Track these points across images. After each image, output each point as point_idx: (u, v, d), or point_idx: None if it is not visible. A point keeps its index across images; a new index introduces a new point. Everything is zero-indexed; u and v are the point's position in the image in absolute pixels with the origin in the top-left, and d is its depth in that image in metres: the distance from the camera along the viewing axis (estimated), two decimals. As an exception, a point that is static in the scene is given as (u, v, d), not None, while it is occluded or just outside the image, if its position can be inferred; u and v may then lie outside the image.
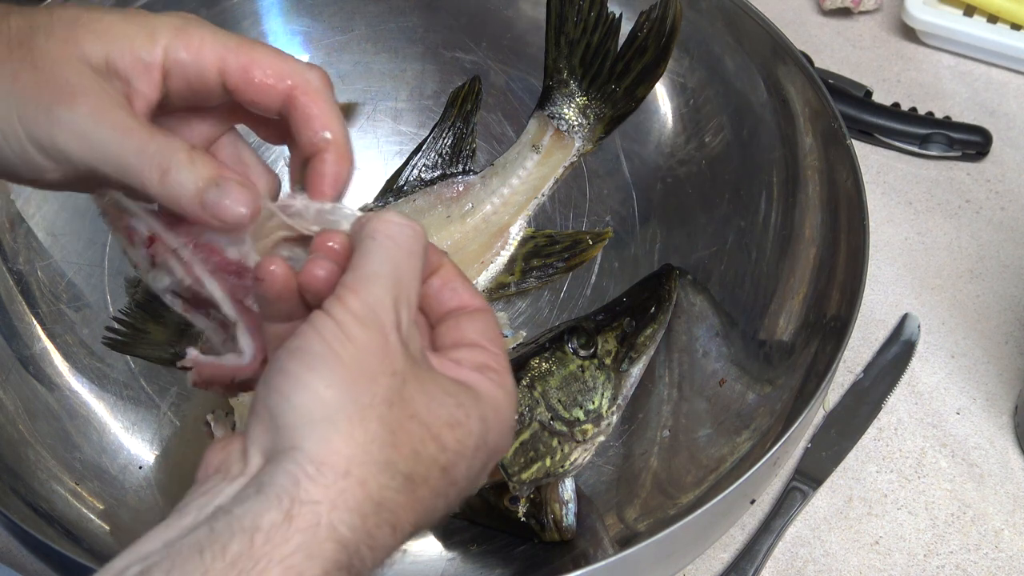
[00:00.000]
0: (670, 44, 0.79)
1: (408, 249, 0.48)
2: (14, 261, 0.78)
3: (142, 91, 0.52)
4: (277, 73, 0.52)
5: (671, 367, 0.80)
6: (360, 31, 0.89)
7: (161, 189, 0.50)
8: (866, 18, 1.07)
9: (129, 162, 0.50)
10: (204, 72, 0.52)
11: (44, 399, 0.76)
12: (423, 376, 0.46)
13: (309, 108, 0.53)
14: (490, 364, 0.49)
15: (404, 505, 0.44)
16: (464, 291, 0.51)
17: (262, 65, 0.52)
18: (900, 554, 0.78)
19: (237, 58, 0.52)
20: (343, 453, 0.43)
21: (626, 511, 0.75)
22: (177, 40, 0.52)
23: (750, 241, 0.80)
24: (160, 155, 0.50)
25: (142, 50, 0.51)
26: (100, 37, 0.51)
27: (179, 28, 0.52)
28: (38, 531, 0.62)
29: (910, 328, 0.88)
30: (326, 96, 0.53)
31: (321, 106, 0.53)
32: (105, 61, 0.51)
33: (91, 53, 0.51)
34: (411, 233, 0.48)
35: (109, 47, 0.51)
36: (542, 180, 0.83)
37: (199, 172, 0.50)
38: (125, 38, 0.52)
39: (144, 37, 0.52)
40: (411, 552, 0.75)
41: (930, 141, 0.96)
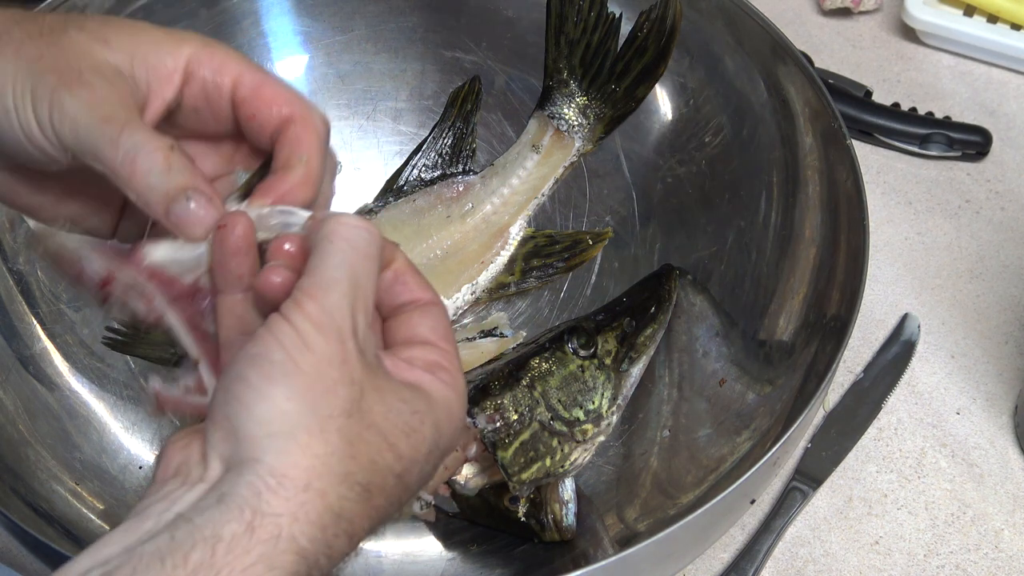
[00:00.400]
0: (670, 44, 0.79)
1: (364, 253, 0.48)
2: (14, 261, 0.78)
3: (159, 92, 0.53)
4: (286, 99, 0.54)
5: (671, 367, 0.80)
6: (360, 31, 0.89)
7: (130, 186, 0.50)
8: (866, 18, 1.07)
9: (105, 152, 0.50)
10: (220, 86, 0.54)
11: (44, 399, 0.76)
12: (380, 384, 0.46)
13: (300, 136, 0.53)
14: (442, 363, 0.50)
15: (361, 514, 0.45)
16: (416, 285, 0.51)
17: (275, 87, 0.54)
18: (900, 554, 0.78)
19: (253, 76, 0.54)
20: (303, 466, 0.43)
21: (626, 511, 0.75)
22: (202, 51, 0.54)
23: (750, 241, 0.80)
24: (136, 151, 0.50)
25: (168, 54, 0.53)
26: (130, 36, 0.53)
27: (205, 43, 0.54)
28: (38, 531, 0.62)
29: (910, 328, 0.88)
30: (321, 135, 0.54)
31: (312, 139, 0.54)
32: (130, 58, 0.52)
33: (117, 49, 0.52)
34: (367, 236, 0.48)
35: (136, 46, 0.53)
36: (542, 180, 0.83)
37: (172, 179, 0.50)
38: (152, 41, 0.53)
39: (172, 43, 0.53)
40: (411, 552, 0.75)
41: (930, 141, 0.96)
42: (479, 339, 0.82)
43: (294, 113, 0.54)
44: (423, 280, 0.52)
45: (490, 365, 0.76)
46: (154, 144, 0.50)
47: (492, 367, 0.75)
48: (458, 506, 0.75)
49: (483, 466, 0.73)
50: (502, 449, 0.70)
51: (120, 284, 0.52)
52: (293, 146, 0.53)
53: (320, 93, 0.89)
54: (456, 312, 0.83)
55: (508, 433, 0.71)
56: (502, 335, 0.82)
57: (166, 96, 0.53)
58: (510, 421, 0.71)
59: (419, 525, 0.75)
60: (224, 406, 0.45)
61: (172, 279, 0.52)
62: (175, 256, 0.51)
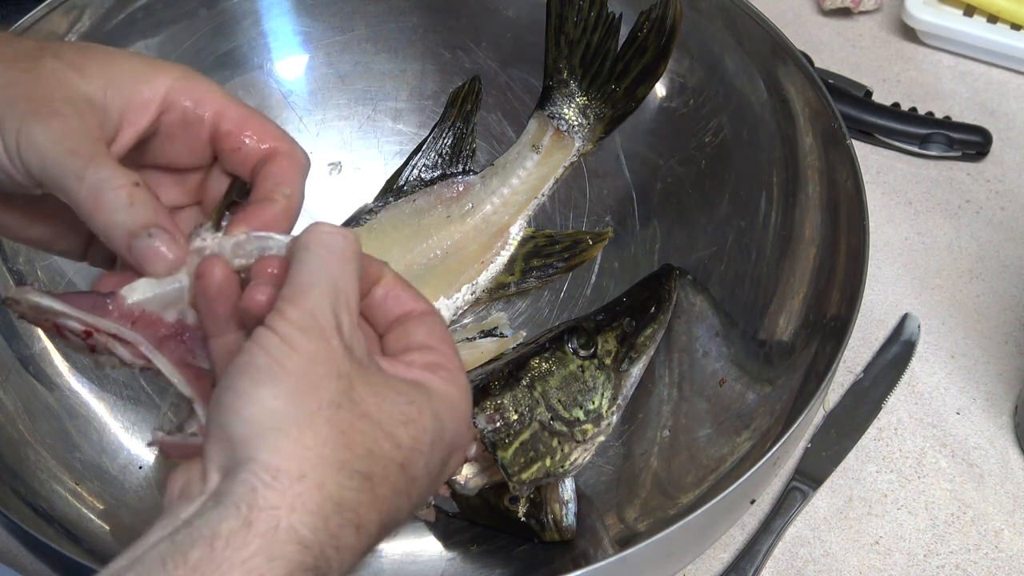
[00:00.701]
0: (670, 44, 0.79)
1: (340, 255, 0.48)
2: (14, 261, 0.78)
3: (132, 121, 0.53)
4: (272, 135, 0.55)
5: (671, 367, 0.80)
6: (360, 31, 0.89)
7: (94, 221, 0.51)
8: (866, 18, 1.07)
9: (70, 186, 0.51)
10: (201, 118, 0.54)
11: (44, 399, 0.76)
12: (371, 377, 0.47)
13: (285, 170, 0.54)
14: (441, 363, 0.50)
15: (366, 504, 0.45)
16: (408, 297, 0.52)
17: (260, 122, 0.55)
18: (900, 554, 0.78)
19: (238, 111, 0.55)
20: (296, 457, 0.44)
21: (626, 511, 0.75)
22: (182, 82, 0.54)
23: (750, 241, 0.80)
24: (100, 186, 0.50)
25: (144, 84, 0.54)
26: (105, 65, 0.53)
27: (185, 74, 0.55)
28: (38, 531, 0.62)
29: (910, 328, 0.88)
30: (303, 171, 0.55)
31: (295, 174, 0.54)
32: (104, 88, 0.53)
33: (92, 77, 0.52)
34: (342, 240, 0.49)
35: (111, 75, 0.53)
36: (542, 180, 0.83)
37: (135, 215, 0.50)
38: (130, 71, 0.54)
39: (150, 73, 0.54)
40: (411, 552, 0.75)
41: (930, 141, 0.96)
42: (479, 339, 0.82)
43: (279, 148, 0.55)
44: (415, 292, 0.52)
45: (490, 365, 0.76)
46: (119, 180, 0.50)
47: (492, 367, 0.75)
48: (458, 506, 0.75)
49: (483, 466, 0.73)
50: (502, 449, 0.70)
51: (102, 336, 0.51)
52: (277, 179, 0.54)
53: (320, 93, 0.89)
54: (456, 312, 0.83)
55: (508, 433, 0.71)
56: (502, 335, 0.82)
57: (138, 126, 0.53)
58: (510, 421, 0.71)
59: (419, 525, 0.75)
60: (217, 418, 0.45)
61: (155, 319, 0.52)
62: (155, 292, 0.51)
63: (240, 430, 0.44)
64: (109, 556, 0.44)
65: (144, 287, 0.51)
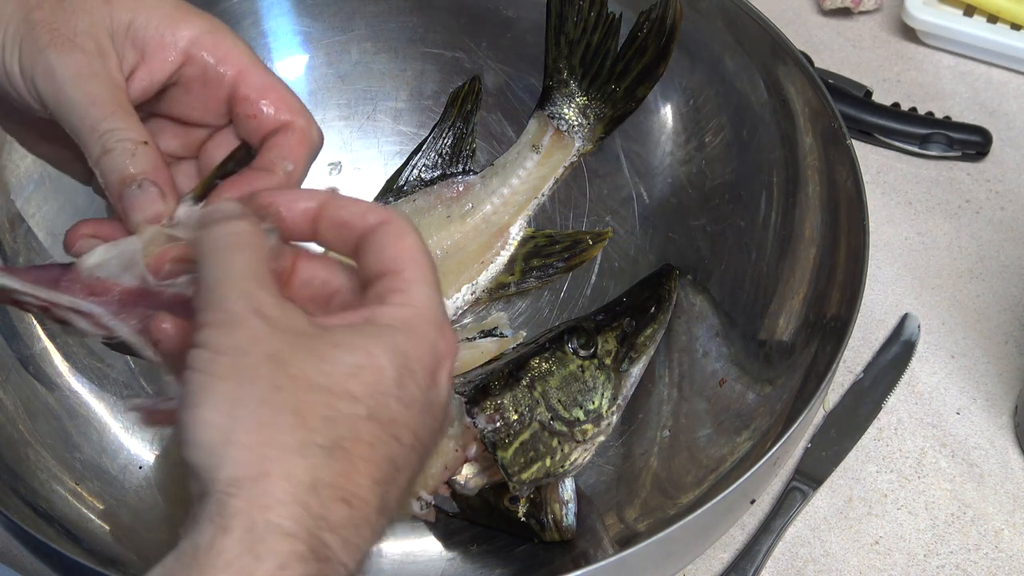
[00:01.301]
0: (670, 44, 0.79)
1: (226, 242, 0.47)
2: (14, 261, 0.78)
3: (149, 66, 0.53)
4: (290, 107, 0.54)
5: (671, 367, 0.80)
6: (360, 31, 0.89)
7: (97, 164, 0.51)
8: (866, 18, 1.07)
9: (83, 130, 0.51)
10: (221, 76, 0.54)
11: (44, 399, 0.76)
12: (307, 343, 0.45)
13: (294, 145, 0.54)
14: (394, 286, 0.48)
15: (345, 472, 0.43)
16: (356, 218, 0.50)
17: (281, 92, 0.54)
18: (900, 554, 0.78)
19: (261, 77, 0.54)
20: (252, 460, 0.43)
21: (626, 511, 0.75)
22: (207, 36, 0.54)
23: (750, 241, 0.80)
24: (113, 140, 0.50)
25: (169, 29, 0.53)
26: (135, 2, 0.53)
27: (213, 28, 0.54)
28: (38, 531, 0.62)
29: (910, 328, 0.88)
30: (313, 150, 0.55)
31: (303, 152, 0.54)
32: (129, 23, 0.52)
33: (118, 16, 0.52)
34: (223, 225, 0.48)
35: (138, 12, 0.52)
36: (542, 180, 0.83)
37: (135, 163, 0.51)
38: (159, 11, 0.53)
39: (177, 18, 0.53)
40: (411, 552, 0.75)
41: (930, 141, 0.96)
42: (479, 339, 0.82)
43: (294, 122, 0.54)
44: (364, 206, 0.50)
45: (490, 365, 0.76)
46: (131, 135, 0.51)
47: (492, 367, 0.75)
48: (458, 506, 0.75)
49: (483, 466, 0.73)
50: (502, 449, 0.70)
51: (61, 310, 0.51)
52: (283, 152, 0.53)
53: (320, 93, 0.89)
54: (456, 312, 0.83)
55: (508, 433, 0.71)
56: (502, 335, 0.82)
57: (155, 74, 0.53)
58: (510, 421, 0.71)
59: (419, 525, 0.75)
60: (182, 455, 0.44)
61: (110, 285, 0.51)
62: (111, 255, 0.51)
63: (197, 458, 0.43)
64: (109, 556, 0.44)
65: (101, 252, 0.51)
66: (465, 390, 0.72)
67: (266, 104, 0.54)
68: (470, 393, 0.72)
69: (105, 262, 0.51)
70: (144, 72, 0.53)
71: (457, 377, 0.76)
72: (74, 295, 0.51)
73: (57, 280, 0.51)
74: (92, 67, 0.51)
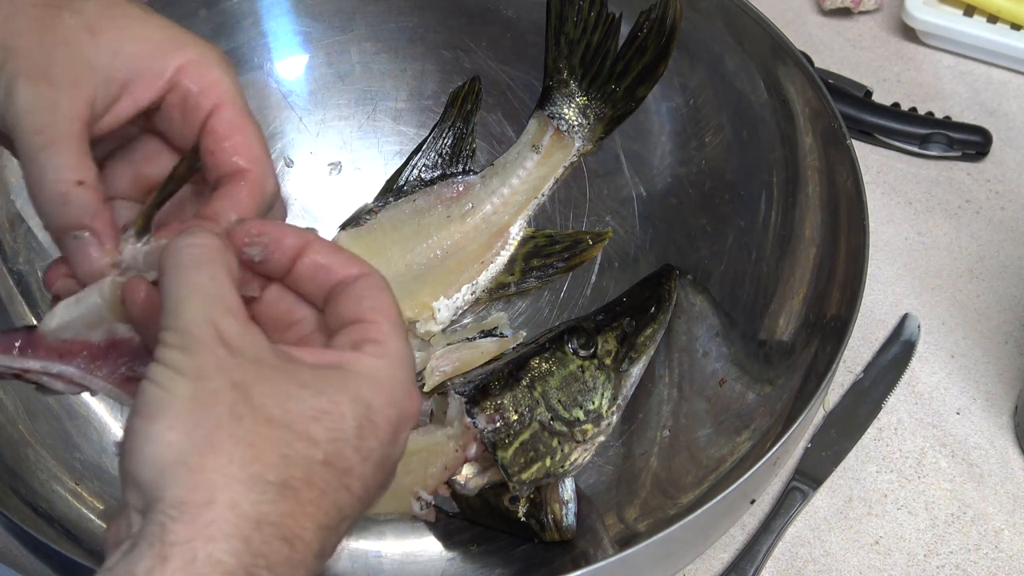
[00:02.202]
0: (670, 44, 0.79)
1: (196, 262, 0.46)
2: (14, 261, 0.78)
3: (134, 93, 0.52)
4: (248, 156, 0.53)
5: (671, 367, 0.80)
6: (360, 31, 0.89)
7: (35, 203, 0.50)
8: (866, 18, 1.07)
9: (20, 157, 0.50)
10: (200, 106, 0.53)
11: (44, 399, 0.76)
12: (272, 376, 0.44)
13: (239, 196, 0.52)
14: (370, 336, 0.47)
15: (291, 513, 0.43)
16: (338, 264, 0.49)
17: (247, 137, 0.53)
18: (900, 554, 0.78)
19: (232, 114, 0.53)
20: (201, 486, 0.42)
21: (626, 511, 0.75)
22: (194, 65, 0.53)
23: (750, 241, 0.80)
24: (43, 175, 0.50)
25: (158, 59, 0.52)
26: (123, 31, 0.52)
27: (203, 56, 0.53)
28: (38, 531, 0.62)
29: (910, 328, 0.88)
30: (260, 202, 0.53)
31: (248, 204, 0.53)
32: (114, 55, 0.52)
33: (104, 43, 0.51)
34: (194, 249, 0.47)
35: (124, 43, 0.52)
36: (542, 180, 0.83)
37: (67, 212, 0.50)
38: (148, 41, 0.52)
39: (167, 47, 0.53)
40: (411, 552, 0.75)
41: (930, 141, 0.96)
42: (479, 339, 0.82)
43: (250, 171, 0.53)
44: (346, 257, 0.50)
45: (490, 365, 0.76)
46: (63, 174, 0.50)
47: (492, 367, 0.75)
48: (458, 506, 0.75)
49: (483, 466, 0.73)
50: (502, 449, 0.70)
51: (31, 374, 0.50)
52: (231, 203, 0.52)
53: (320, 93, 0.89)
54: (456, 312, 0.83)
55: (508, 433, 0.71)
56: (502, 335, 0.82)
57: (139, 100, 0.52)
58: (510, 421, 0.71)
59: (419, 525, 0.75)
60: (124, 464, 0.44)
61: (81, 343, 0.50)
62: (72, 316, 0.50)
63: (144, 472, 0.42)
64: (109, 556, 0.44)
65: (62, 312, 0.50)
66: (465, 390, 0.72)
67: (228, 144, 0.53)
68: (470, 393, 0.72)
69: (69, 323, 0.50)
70: (128, 100, 0.52)
71: (457, 377, 0.76)
72: (43, 359, 0.50)
73: (25, 345, 0.50)
74: (51, 98, 0.50)
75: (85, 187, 0.50)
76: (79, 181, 0.50)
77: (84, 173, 0.50)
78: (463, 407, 0.71)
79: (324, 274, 0.49)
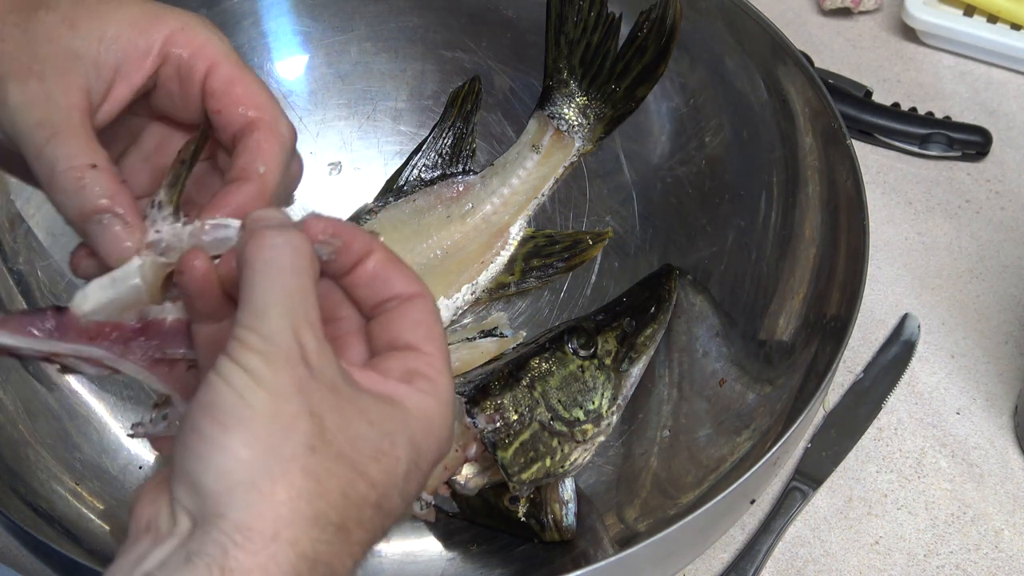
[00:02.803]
0: (670, 44, 0.79)
1: (291, 268, 0.45)
2: (14, 261, 0.78)
3: (127, 76, 0.51)
4: (254, 102, 0.52)
5: (671, 367, 0.80)
6: (360, 31, 0.89)
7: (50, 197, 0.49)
8: (866, 18, 1.07)
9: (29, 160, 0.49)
10: (194, 70, 0.52)
11: (44, 399, 0.76)
12: (343, 408, 0.44)
13: (262, 144, 0.51)
14: (421, 370, 0.47)
15: (341, 553, 0.43)
16: (397, 278, 0.48)
17: (245, 86, 0.52)
18: (900, 554, 0.78)
19: (228, 69, 0.52)
20: (270, 517, 0.41)
21: (626, 511, 0.75)
22: (180, 33, 0.52)
23: (750, 241, 0.80)
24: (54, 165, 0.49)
25: (141, 35, 0.51)
26: (100, 17, 0.51)
27: (185, 23, 0.52)
28: (38, 531, 0.62)
29: (910, 328, 0.88)
30: (284, 145, 0.52)
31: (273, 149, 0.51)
32: (98, 42, 0.51)
33: (85, 33, 0.50)
34: (290, 250, 0.45)
35: (106, 28, 0.51)
36: (542, 180, 0.83)
37: (85, 198, 0.49)
38: (127, 21, 0.51)
39: (147, 22, 0.51)
40: (411, 552, 0.75)
41: (930, 141, 0.96)
42: (479, 339, 0.82)
43: (260, 118, 0.52)
44: (405, 271, 0.49)
45: (490, 365, 0.76)
46: (74, 161, 0.49)
47: (492, 367, 0.75)
48: (458, 506, 0.75)
49: (483, 466, 0.73)
50: (502, 449, 0.70)
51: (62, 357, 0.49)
52: (253, 155, 0.51)
53: (320, 93, 0.89)
54: (456, 312, 0.83)
55: (508, 433, 0.71)
56: (502, 335, 0.82)
57: (134, 81, 0.51)
58: (510, 421, 0.71)
59: (419, 525, 0.75)
60: (184, 461, 0.42)
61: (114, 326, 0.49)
62: (109, 298, 0.49)
63: (209, 481, 0.41)
64: (109, 556, 0.43)
65: (96, 293, 0.49)
66: (465, 390, 0.72)
67: (231, 98, 0.51)
68: (470, 393, 0.72)
69: (104, 306, 0.49)
70: (123, 84, 0.51)
71: (457, 377, 0.76)
72: (74, 341, 0.49)
73: (56, 327, 0.49)
74: (43, 92, 0.49)
75: (99, 170, 0.49)
76: (92, 164, 0.49)
77: (95, 157, 0.49)
78: (463, 407, 0.71)
79: (381, 284, 0.48)
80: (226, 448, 0.42)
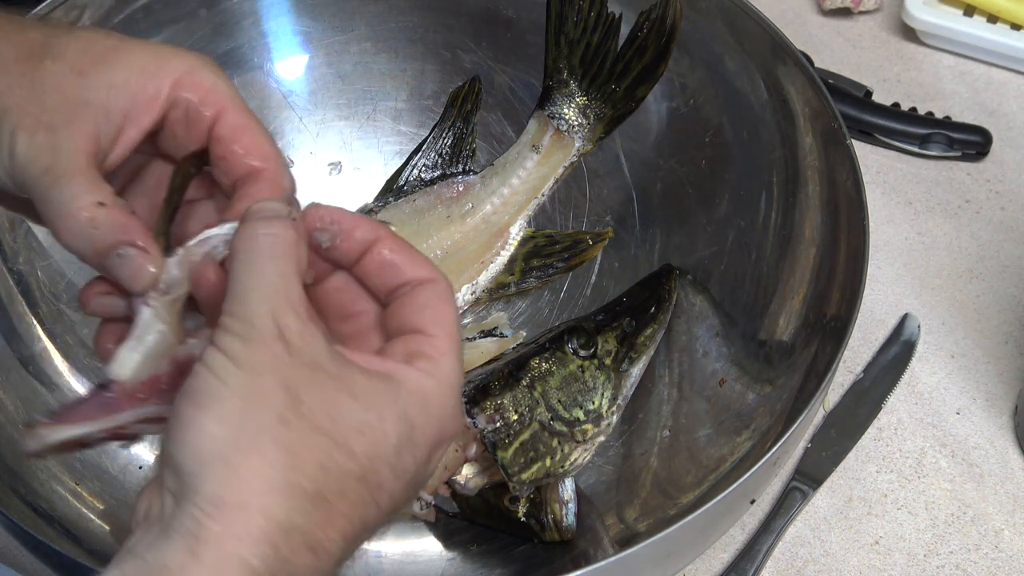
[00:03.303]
0: (670, 44, 0.79)
1: (270, 254, 0.46)
2: (14, 261, 0.78)
3: (137, 120, 0.52)
4: (261, 153, 0.53)
5: (671, 367, 0.80)
6: (360, 31, 0.89)
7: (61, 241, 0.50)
8: (866, 18, 1.07)
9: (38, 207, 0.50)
10: (202, 116, 0.53)
11: (44, 399, 0.76)
12: (324, 383, 0.45)
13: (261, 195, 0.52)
14: (423, 351, 0.47)
15: (321, 523, 0.43)
16: (408, 264, 0.49)
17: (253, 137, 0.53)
18: (900, 554, 0.78)
19: (236, 117, 0.53)
20: (240, 486, 0.42)
21: (626, 511, 0.75)
22: (188, 77, 0.53)
23: (750, 241, 0.80)
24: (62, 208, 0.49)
25: (150, 80, 0.52)
26: (109, 65, 0.52)
27: (192, 67, 0.53)
28: (38, 531, 0.62)
29: (910, 328, 0.88)
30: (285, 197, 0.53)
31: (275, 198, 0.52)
32: (107, 89, 0.51)
33: (93, 81, 0.51)
34: (270, 238, 0.47)
35: (114, 75, 0.52)
36: (542, 180, 0.83)
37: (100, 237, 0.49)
38: (136, 67, 0.52)
39: (155, 67, 0.52)
40: (411, 552, 0.75)
41: (930, 141, 0.96)
42: (479, 339, 0.82)
43: (264, 169, 0.53)
44: (416, 257, 0.50)
45: (490, 365, 0.76)
46: (81, 201, 0.49)
47: (492, 367, 0.75)
48: (458, 506, 0.75)
49: (483, 466, 0.73)
50: (502, 449, 0.70)
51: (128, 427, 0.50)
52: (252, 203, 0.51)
53: (320, 93, 0.89)
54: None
55: (508, 433, 0.71)
56: (502, 335, 0.82)
57: (142, 125, 0.52)
58: (510, 421, 0.71)
59: (419, 525, 0.75)
60: (166, 446, 0.44)
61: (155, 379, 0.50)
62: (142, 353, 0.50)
63: (185, 460, 0.43)
64: (109, 556, 0.44)
65: (130, 356, 0.49)
66: (465, 390, 0.72)
67: (237, 147, 0.53)
68: (470, 393, 0.72)
69: (142, 364, 0.49)
70: (133, 128, 0.52)
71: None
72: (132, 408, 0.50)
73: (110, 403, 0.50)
74: (50, 142, 0.50)
75: (108, 207, 0.50)
76: (100, 202, 0.50)
77: (101, 194, 0.50)
78: (463, 407, 0.71)
79: (391, 271, 0.49)
80: (200, 426, 0.43)
